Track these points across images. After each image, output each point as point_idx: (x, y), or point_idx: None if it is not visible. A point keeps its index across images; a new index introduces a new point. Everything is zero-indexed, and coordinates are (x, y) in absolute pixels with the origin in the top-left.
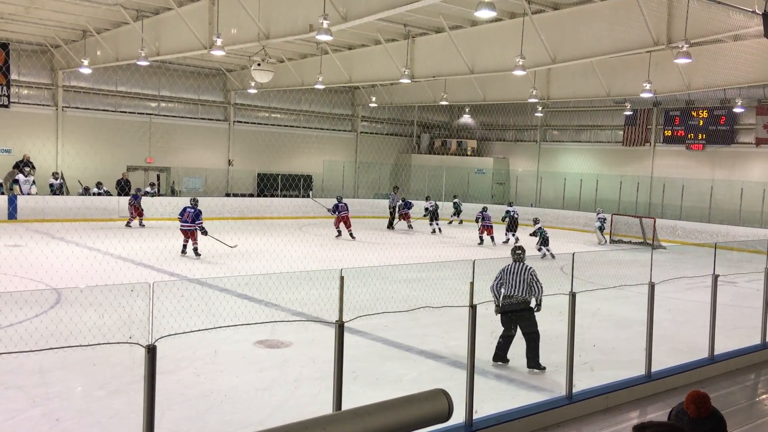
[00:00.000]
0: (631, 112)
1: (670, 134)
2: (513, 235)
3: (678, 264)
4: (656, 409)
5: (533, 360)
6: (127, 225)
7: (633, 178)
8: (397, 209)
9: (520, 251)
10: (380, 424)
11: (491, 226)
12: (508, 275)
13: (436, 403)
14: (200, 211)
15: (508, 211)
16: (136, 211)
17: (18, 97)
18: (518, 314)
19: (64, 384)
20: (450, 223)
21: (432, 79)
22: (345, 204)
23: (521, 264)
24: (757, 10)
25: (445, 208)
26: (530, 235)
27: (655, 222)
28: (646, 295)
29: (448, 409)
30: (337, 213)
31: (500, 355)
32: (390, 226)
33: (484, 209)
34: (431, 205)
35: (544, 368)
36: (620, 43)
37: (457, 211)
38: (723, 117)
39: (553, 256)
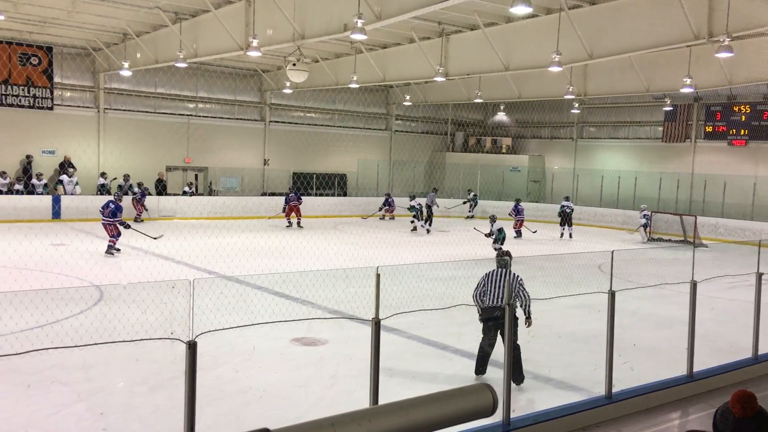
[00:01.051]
0: (671, 108)
1: (711, 130)
2: (569, 230)
3: (720, 262)
4: (698, 410)
5: (515, 374)
6: (137, 220)
7: (673, 175)
8: (431, 209)
9: (506, 256)
10: (424, 418)
11: (522, 221)
12: (492, 283)
13: (481, 398)
14: (121, 207)
15: (563, 206)
16: (139, 206)
17: (61, 99)
18: (501, 323)
19: (107, 379)
20: (467, 218)
21: (466, 76)
22: (296, 194)
23: (506, 270)
24: None
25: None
26: (486, 236)
27: (696, 220)
28: (687, 294)
29: (492, 403)
30: (286, 203)
31: (482, 369)
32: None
33: (518, 202)
34: (417, 204)
35: (522, 380)
36: (660, 37)
37: (473, 204)
38: (766, 112)
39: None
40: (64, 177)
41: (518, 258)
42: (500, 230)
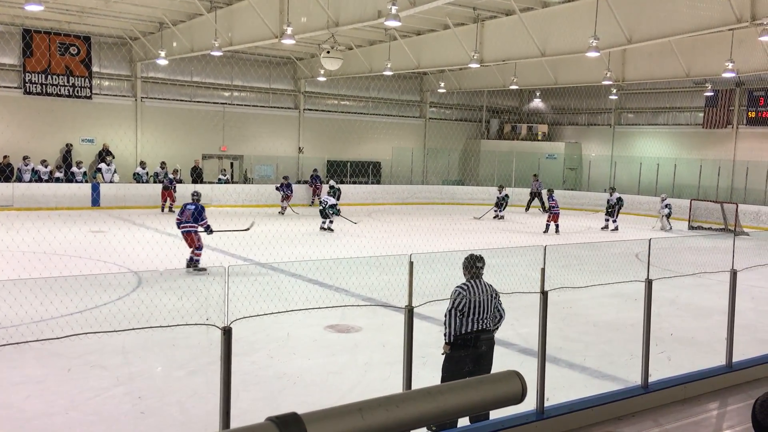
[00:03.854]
0: (712, 93)
1: (754, 116)
2: (613, 221)
3: (762, 251)
4: (737, 400)
5: (485, 414)
6: (167, 210)
7: (714, 162)
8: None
9: (480, 264)
10: (453, 404)
11: (558, 213)
12: (473, 299)
13: (510, 385)
14: (203, 207)
15: (618, 198)
16: (170, 197)
17: (99, 88)
18: (479, 353)
19: (145, 364)
20: (496, 217)
21: (502, 63)
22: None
23: (483, 282)
24: None
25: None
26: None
27: (737, 207)
28: (726, 283)
29: (521, 390)
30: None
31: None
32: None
33: (551, 192)
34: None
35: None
36: (701, 20)
37: (504, 204)
38: None
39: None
40: (102, 165)
41: (553, 246)
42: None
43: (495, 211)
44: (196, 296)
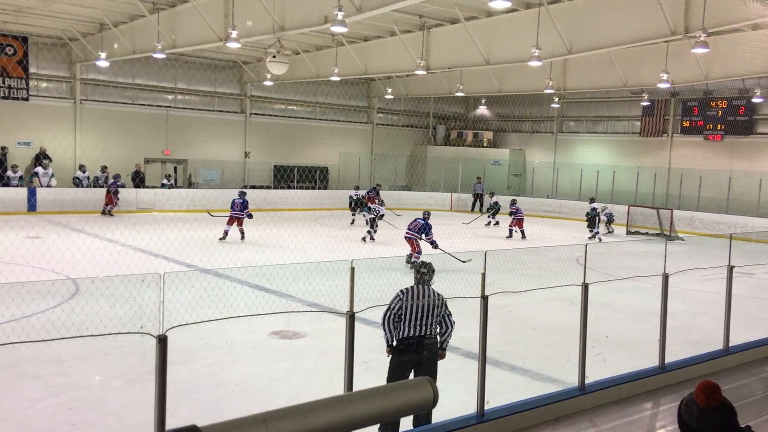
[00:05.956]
0: (649, 103)
1: (688, 125)
2: (595, 232)
3: (695, 255)
4: (670, 400)
5: (427, 417)
6: (104, 213)
7: (650, 169)
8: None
9: (424, 269)
10: (363, 412)
11: (521, 219)
12: (412, 305)
13: (421, 391)
14: (247, 201)
15: (594, 209)
16: (110, 199)
17: (37, 90)
18: (420, 358)
19: (82, 374)
20: (488, 224)
21: (448, 70)
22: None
23: (428, 288)
24: None
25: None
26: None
27: (672, 213)
28: (661, 286)
29: (433, 397)
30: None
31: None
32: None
33: (514, 200)
34: (355, 195)
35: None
36: (637, 32)
37: (494, 212)
38: (742, 107)
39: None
40: (39, 169)
41: (495, 251)
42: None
43: (489, 218)
44: (130, 304)
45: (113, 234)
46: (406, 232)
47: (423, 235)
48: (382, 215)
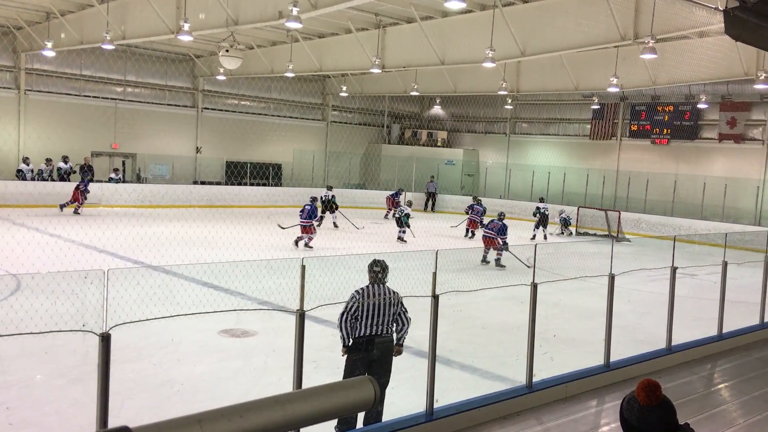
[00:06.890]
0: (599, 106)
1: (636, 129)
2: (543, 231)
3: (640, 256)
4: (614, 398)
5: (377, 415)
6: (62, 208)
7: (600, 171)
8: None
9: (378, 268)
10: (302, 412)
11: (474, 220)
12: (368, 304)
13: (363, 391)
14: (315, 208)
15: (539, 208)
16: (80, 196)
17: None
18: (371, 357)
19: (24, 373)
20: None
21: (403, 69)
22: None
23: (383, 287)
24: (719, 7)
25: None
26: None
27: (620, 215)
28: (607, 286)
29: (374, 396)
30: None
31: (349, 420)
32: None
33: (478, 202)
34: (325, 196)
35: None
36: (588, 37)
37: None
38: (687, 113)
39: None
40: None
41: (446, 251)
42: (407, 214)
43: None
44: (72, 301)
45: (57, 229)
46: (486, 232)
47: (500, 235)
48: (407, 214)
